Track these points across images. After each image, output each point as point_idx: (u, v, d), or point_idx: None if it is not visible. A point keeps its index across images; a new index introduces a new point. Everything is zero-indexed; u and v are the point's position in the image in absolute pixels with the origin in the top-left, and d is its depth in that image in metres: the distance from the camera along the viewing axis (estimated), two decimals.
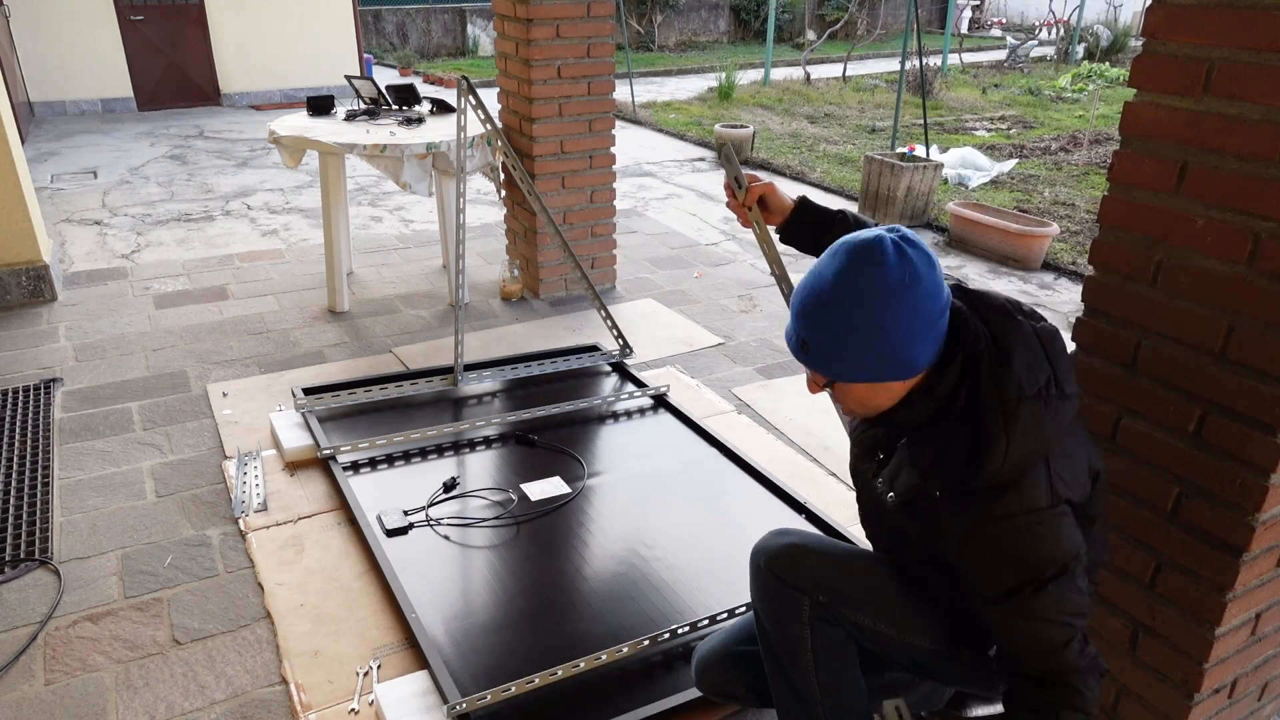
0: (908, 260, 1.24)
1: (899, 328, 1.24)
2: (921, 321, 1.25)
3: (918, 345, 1.26)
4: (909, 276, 1.23)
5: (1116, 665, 1.85)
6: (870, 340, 1.25)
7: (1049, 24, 16.75)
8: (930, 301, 1.25)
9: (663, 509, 2.68)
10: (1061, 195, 6.67)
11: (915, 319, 1.24)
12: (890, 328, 1.24)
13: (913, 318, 1.24)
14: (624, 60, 11.56)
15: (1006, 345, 1.28)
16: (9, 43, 8.47)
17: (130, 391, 3.43)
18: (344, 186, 4.11)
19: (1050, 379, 1.28)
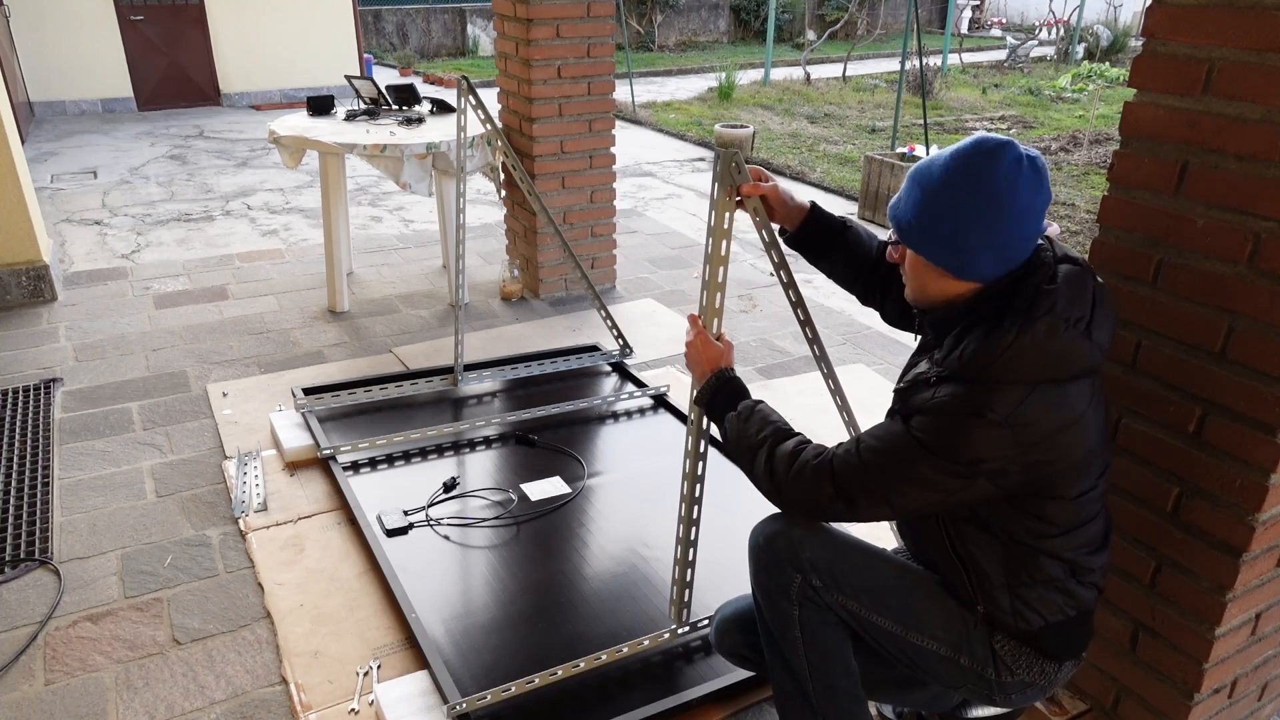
0: (1020, 173, 1.29)
1: (972, 222, 1.30)
2: (995, 229, 1.30)
3: (981, 250, 1.32)
4: (1007, 184, 1.28)
5: (1116, 665, 1.85)
6: (942, 218, 1.32)
7: (1049, 24, 16.76)
8: (1012, 218, 1.30)
9: (663, 509, 2.68)
10: (1061, 195, 6.67)
11: (991, 223, 1.30)
12: (965, 217, 1.30)
13: (989, 220, 1.30)
14: (624, 60, 11.56)
15: (1060, 276, 1.33)
16: (9, 43, 8.47)
17: (130, 391, 3.43)
18: (344, 186, 4.11)
19: (1085, 319, 1.31)
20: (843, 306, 4.46)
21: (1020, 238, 1.32)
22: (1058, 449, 1.32)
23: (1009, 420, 1.29)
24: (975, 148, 1.31)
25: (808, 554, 1.53)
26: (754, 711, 2.03)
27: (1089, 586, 1.47)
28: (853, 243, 1.72)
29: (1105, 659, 1.87)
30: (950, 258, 1.35)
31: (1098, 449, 1.39)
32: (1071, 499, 1.39)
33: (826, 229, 1.74)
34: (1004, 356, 1.29)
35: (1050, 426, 1.31)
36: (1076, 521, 1.41)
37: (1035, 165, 1.31)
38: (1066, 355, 1.30)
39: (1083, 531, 1.42)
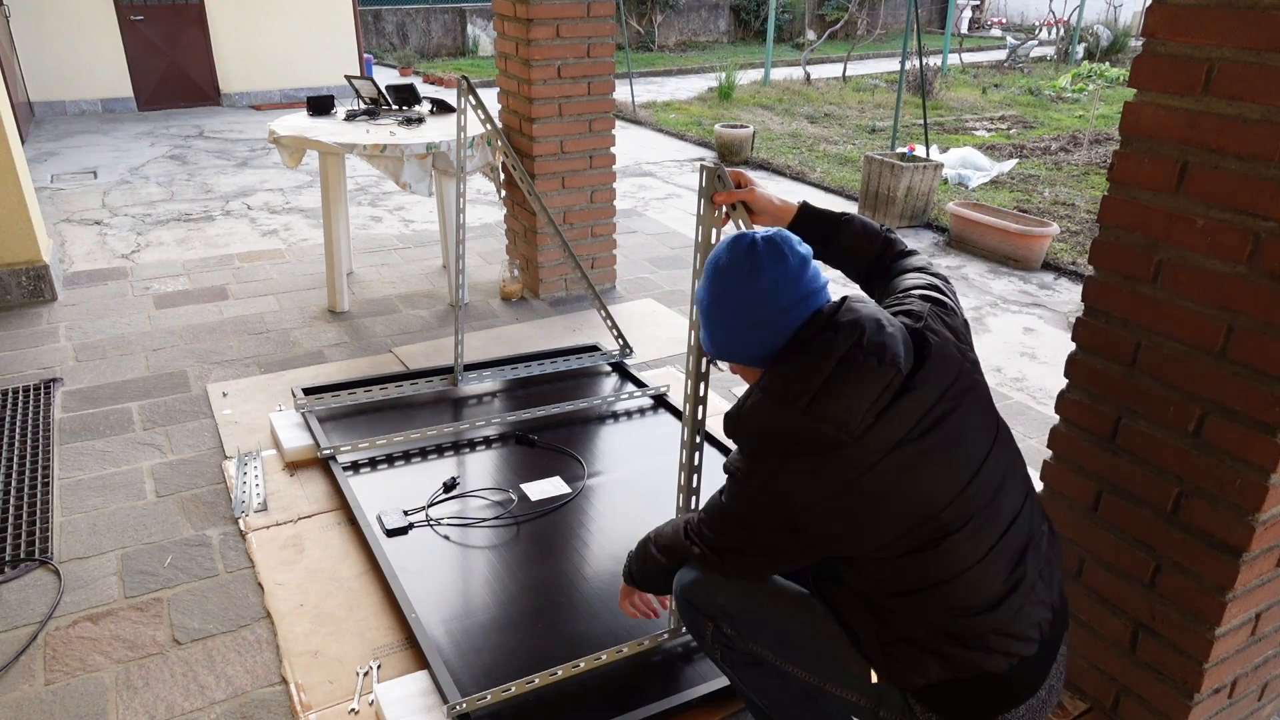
0: (754, 256, 1.36)
1: (735, 313, 1.37)
2: (756, 312, 1.35)
3: (753, 332, 1.36)
4: (751, 269, 1.35)
5: (1116, 665, 1.85)
6: (719, 321, 1.40)
7: (1049, 24, 16.76)
8: (767, 297, 1.35)
9: (663, 509, 2.68)
10: (1061, 195, 6.67)
11: (751, 309, 1.36)
12: (730, 312, 1.38)
13: (748, 307, 1.35)
14: (624, 60, 11.56)
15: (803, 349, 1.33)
16: (9, 43, 8.47)
17: (130, 391, 3.43)
18: (344, 186, 4.11)
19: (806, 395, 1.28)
20: None
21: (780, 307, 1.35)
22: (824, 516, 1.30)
23: (765, 489, 1.34)
24: (717, 249, 1.42)
25: (721, 600, 1.56)
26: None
27: (980, 650, 1.34)
28: (848, 241, 1.68)
29: (1105, 659, 1.87)
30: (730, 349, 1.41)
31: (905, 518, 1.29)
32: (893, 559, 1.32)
33: (817, 227, 1.70)
34: (741, 425, 1.35)
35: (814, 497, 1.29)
36: (928, 581, 1.32)
37: (771, 242, 1.37)
38: (789, 434, 1.29)
39: (944, 592, 1.32)
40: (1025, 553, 1.37)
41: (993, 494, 1.34)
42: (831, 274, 1.78)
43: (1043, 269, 5.20)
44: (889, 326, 1.32)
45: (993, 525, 1.34)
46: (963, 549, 1.31)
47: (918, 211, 5.94)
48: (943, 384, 1.32)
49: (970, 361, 1.40)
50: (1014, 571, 1.35)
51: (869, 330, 1.30)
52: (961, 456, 1.32)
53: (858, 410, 1.26)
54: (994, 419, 1.40)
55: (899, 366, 1.29)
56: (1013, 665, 1.35)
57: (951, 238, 5.61)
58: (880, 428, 1.27)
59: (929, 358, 1.32)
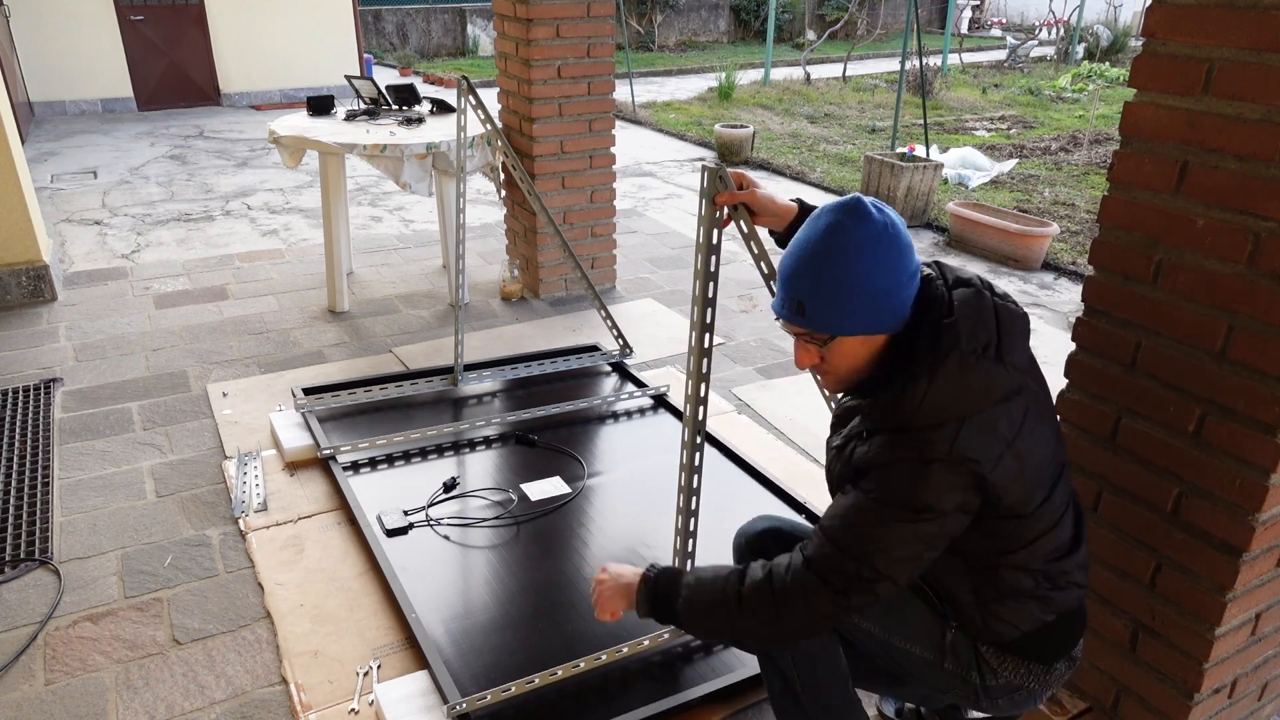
0: (886, 213, 1.33)
1: (887, 273, 1.31)
2: (905, 270, 1.33)
3: (900, 294, 1.33)
4: (890, 226, 1.32)
5: (1116, 665, 1.85)
6: (862, 286, 1.30)
7: (1049, 24, 16.75)
8: (910, 253, 1.33)
9: (663, 509, 2.68)
10: (1061, 195, 6.67)
11: (900, 266, 1.32)
12: (881, 273, 1.31)
13: (898, 264, 1.32)
14: (624, 60, 11.56)
15: (956, 305, 1.33)
16: (9, 43, 8.47)
17: (130, 391, 3.43)
18: (344, 186, 4.11)
19: (992, 344, 1.31)
20: None
21: (916, 265, 1.35)
22: (1006, 472, 1.31)
23: (949, 456, 1.28)
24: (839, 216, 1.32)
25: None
26: (754, 711, 2.03)
27: (1066, 588, 1.45)
28: None
29: (1105, 659, 1.87)
30: (884, 315, 1.32)
31: (1046, 460, 1.38)
32: (1028, 515, 1.37)
33: None
34: (925, 402, 1.29)
35: (992, 453, 1.29)
36: (1037, 533, 1.39)
37: (879, 203, 1.35)
38: (983, 386, 1.30)
39: (1046, 541, 1.40)
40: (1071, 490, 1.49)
41: (1057, 453, 1.43)
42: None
43: (1043, 269, 5.20)
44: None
45: (1063, 480, 1.44)
46: (1055, 501, 1.40)
47: (918, 211, 5.94)
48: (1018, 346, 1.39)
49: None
50: (1076, 522, 1.47)
51: (981, 281, 1.37)
52: (1045, 416, 1.41)
53: (1025, 352, 1.36)
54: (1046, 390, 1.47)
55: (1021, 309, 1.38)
56: (1079, 599, 1.48)
57: (951, 238, 5.61)
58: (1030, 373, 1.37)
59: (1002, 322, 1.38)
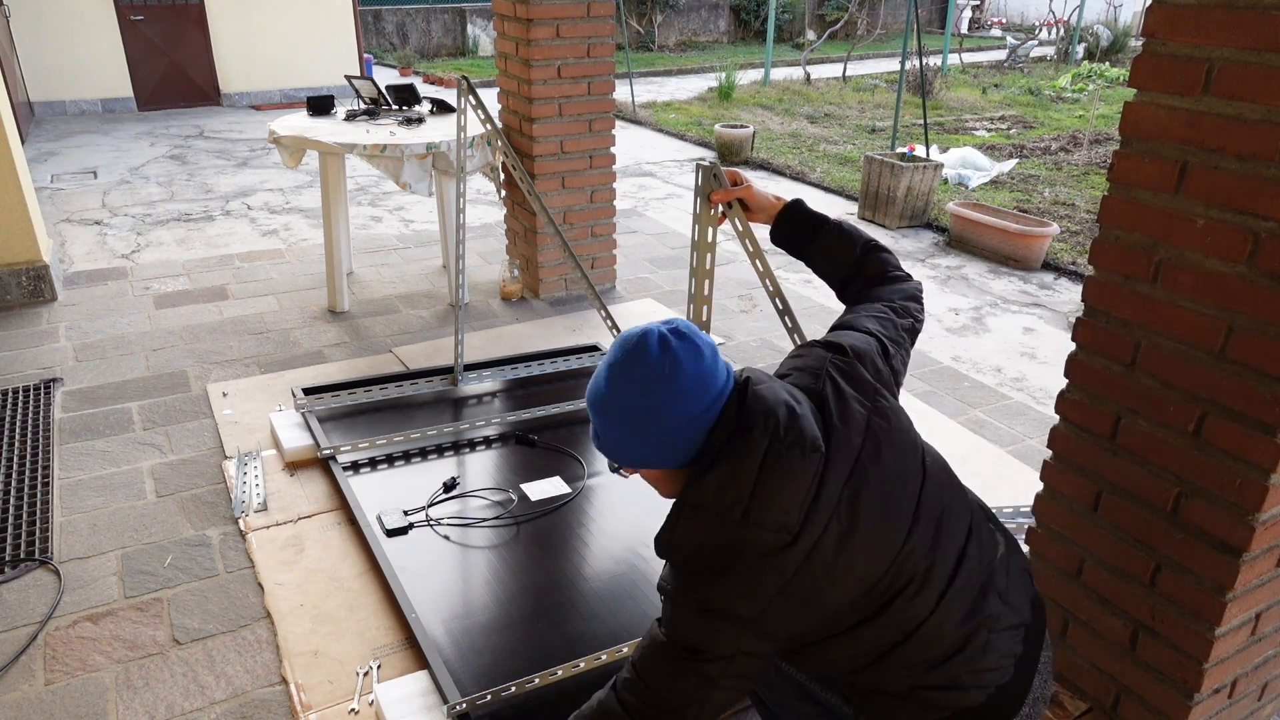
0: (669, 353, 1.24)
1: (661, 417, 1.24)
2: (683, 412, 1.24)
3: (681, 434, 1.25)
4: (670, 369, 1.23)
5: (1116, 665, 1.85)
6: (638, 428, 1.26)
7: (1049, 24, 16.76)
8: (691, 395, 1.24)
9: (663, 509, 2.67)
10: (1061, 195, 6.67)
11: (677, 410, 1.24)
12: (654, 417, 1.24)
13: (674, 408, 1.23)
14: (624, 60, 11.56)
15: (721, 454, 1.24)
16: (9, 43, 8.47)
17: (130, 391, 3.43)
18: (344, 186, 4.11)
19: (739, 505, 1.20)
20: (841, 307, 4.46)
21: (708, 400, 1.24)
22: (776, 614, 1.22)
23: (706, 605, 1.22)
24: (620, 354, 1.27)
25: None
26: (754, 711, 2.02)
27: (963, 689, 1.31)
28: (826, 244, 1.66)
29: (1105, 659, 1.87)
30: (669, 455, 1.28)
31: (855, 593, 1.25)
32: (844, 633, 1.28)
33: (800, 227, 1.68)
34: (675, 545, 1.26)
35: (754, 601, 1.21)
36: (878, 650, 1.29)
37: (679, 333, 1.26)
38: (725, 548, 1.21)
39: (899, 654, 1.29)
40: (985, 587, 1.33)
41: (931, 543, 1.29)
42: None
43: (1043, 269, 5.20)
44: (798, 406, 1.26)
45: (938, 574, 1.29)
46: (912, 608, 1.28)
47: (918, 211, 5.94)
48: (853, 449, 1.27)
49: (880, 411, 1.32)
50: (973, 612, 1.32)
51: (782, 419, 1.23)
52: (891, 516, 1.27)
53: (793, 507, 1.20)
54: (919, 462, 1.34)
55: (820, 448, 1.23)
56: (989, 694, 1.33)
57: (951, 238, 5.61)
58: (813, 518, 1.21)
59: (833, 427, 1.26)
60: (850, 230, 1.66)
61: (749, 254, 1.84)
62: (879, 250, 1.64)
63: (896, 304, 1.55)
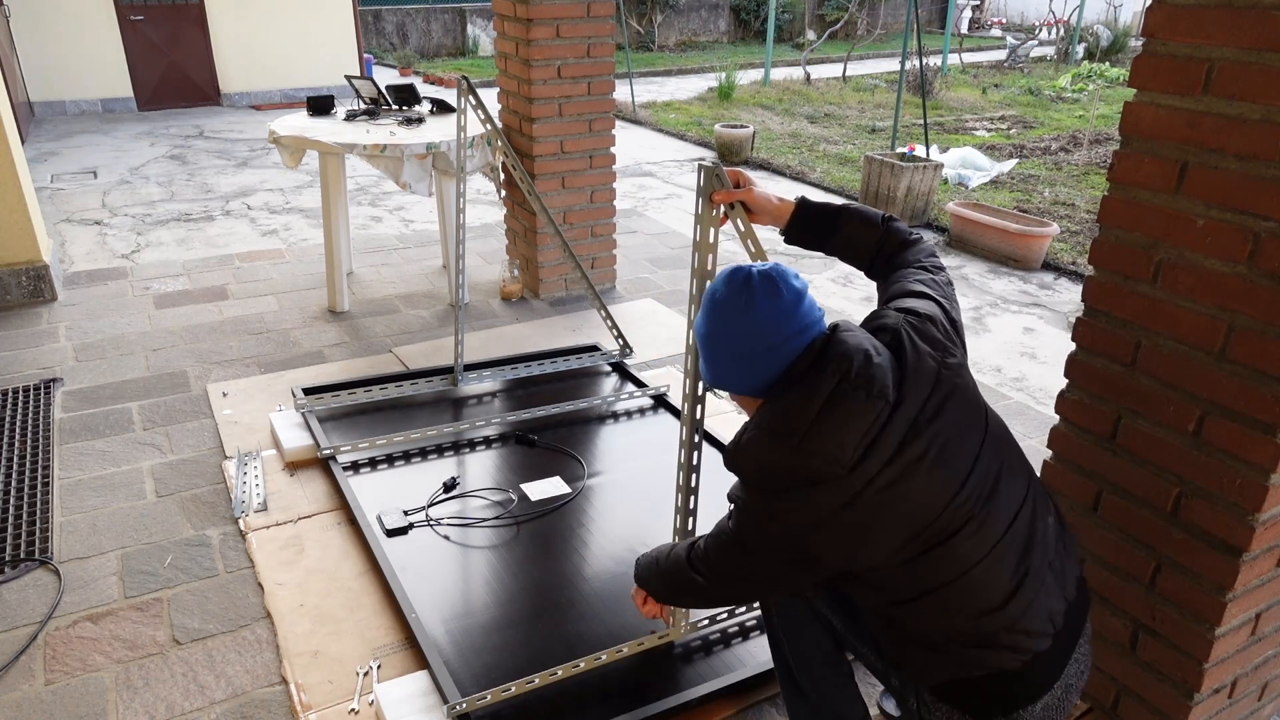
0: (749, 289, 1.36)
1: (732, 345, 1.38)
2: (753, 344, 1.36)
3: (751, 364, 1.37)
4: (745, 303, 1.36)
5: (1116, 665, 1.85)
6: (715, 353, 1.41)
7: (1049, 24, 16.75)
8: (762, 330, 1.35)
9: (662, 509, 2.68)
10: (1061, 195, 6.67)
11: (746, 340, 1.36)
12: (726, 344, 1.39)
13: (743, 339, 1.36)
14: (624, 60, 11.56)
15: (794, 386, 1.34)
16: (9, 43, 8.47)
17: (130, 391, 3.43)
18: (344, 186, 4.11)
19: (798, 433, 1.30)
20: (842, 306, 4.46)
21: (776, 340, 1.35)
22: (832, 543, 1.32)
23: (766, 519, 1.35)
24: (714, 281, 1.43)
25: None
26: (754, 711, 2.03)
27: (997, 650, 1.35)
28: (847, 235, 1.70)
29: (1105, 659, 1.87)
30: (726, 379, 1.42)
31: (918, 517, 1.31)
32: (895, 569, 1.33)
33: (817, 223, 1.71)
34: (739, 460, 1.37)
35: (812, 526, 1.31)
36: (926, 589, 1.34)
37: (768, 275, 1.37)
38: (781, 470, 1.32)
39: (945, 596, 1.34)
40: (1030, 547, 1.38)
41: (988, 494, 1.35)
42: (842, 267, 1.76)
43: (1043, 269, 5.20)
44: (876, 356, 1.33)
45: (992, 524, 1.34)
46: (963, 550, 1.33)
47: (918, 211, 5.94)
48: (921, 397, 1.33)
49: (950, 366, 1.39)
50: (1020, 566, 1.36)
51: (857, 363, 1.31)
52: (950, 463, 1.32)
53: (848, 444, 1.28)
54: (982, 419, 1.40)
55: (887, 397, 1.30)
56: (1026, 662, 1.36)
57: (951, 238, 5.61)
58: (870, 457, 1.29)
59: (906, 375, 1.34)
60: (864, 212, 1.71)
61: (750, 255, 1.84)
62: (893, 220, 1.71)
63: (927, 263, 1.64)
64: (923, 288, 1.55)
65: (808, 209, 1.72)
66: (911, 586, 1.35)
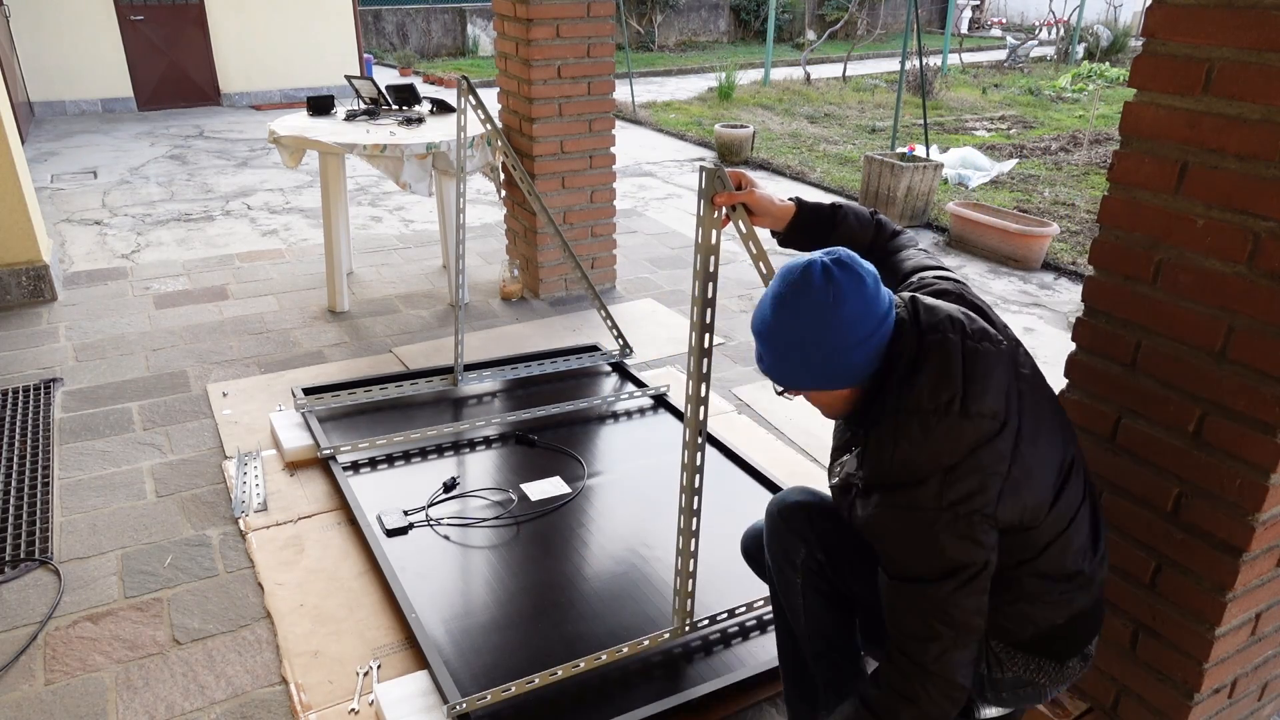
0: (834, 282, 1.33)
1: (829, 342, 1.33)
2: (851, 336, 1.33)
3: (851, 357, 1.34)
4: (834, 297, 1.33)
5: (1116, 665, 1.85)
6: (808, 354, 1.35)
7: (1049, 24, 16.75)
8: (859, 319, 1.33)
9: (663, 509, 2.68)
10: (1061, 195, 6.67)
11: (844, 334, 1.33)
12: (822, 342, 1.34)
13: (841, 333, 1.33)
14: (624, 60, 11.56)
15: (919, 360, 1.33)
16: (9, 43, 8.47)
17: (130, 391, 3.43)
18: (344, 186, 4.11)
19: (956, 398, 1.30)
20: None
21: (873, 324, 1.33)
22: (1007, 503, 1.32)
23: (943, 509, 1.30)
24: (785, 286, 1.37)
25: (818, 529, 1.62)
26: (754, 711, 2.03)
27: (1080, 588, 1.45)
28: (845, 233, 1.72)
29: (1105, 659, 1.87)
30: (833, 378, 1.37)
31: (1048, 469, 1.37)
32: (1038, 525, 1.38)
33: (814, 225, 1.73)
34: (897, 462, 1.33)
35: (987, 493, 1.30)
36: (1050, 538, 1.39)
37: (840, 262, 1.35)
38: (951, 442, 1.30)
39: (1062, 543, 1.41)
40: (1087, 479, 1.48)
41: (1069, 437, 1.43)
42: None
43: (1043, 269, 5.20)
44: (968, 312, 1.39)
45: (1079, 462, 1.44)
46: (1072, 492, 1.40)
47: (918, 211, 5.94)
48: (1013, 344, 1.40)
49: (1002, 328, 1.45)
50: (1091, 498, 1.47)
51: (964, 320, 1.36)
52: (1043, 410, 1.39)
53: (1000, 393, 1.32)
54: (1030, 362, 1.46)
55: (1002, 341, 1.36)
56: (1096, 595, 1.48)
57: (951, 238, 5.61)
58: (1012, 403, 1.33)
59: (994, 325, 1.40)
60: (856, 210, 1.74)
61: (752, 256, 1.84)
62: (877, 214, 1.77)
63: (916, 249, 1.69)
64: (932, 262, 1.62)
65: (808, 211, 1.73)
66: (1037, 542, 1.39)
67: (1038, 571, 1.42)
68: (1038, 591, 1.43)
